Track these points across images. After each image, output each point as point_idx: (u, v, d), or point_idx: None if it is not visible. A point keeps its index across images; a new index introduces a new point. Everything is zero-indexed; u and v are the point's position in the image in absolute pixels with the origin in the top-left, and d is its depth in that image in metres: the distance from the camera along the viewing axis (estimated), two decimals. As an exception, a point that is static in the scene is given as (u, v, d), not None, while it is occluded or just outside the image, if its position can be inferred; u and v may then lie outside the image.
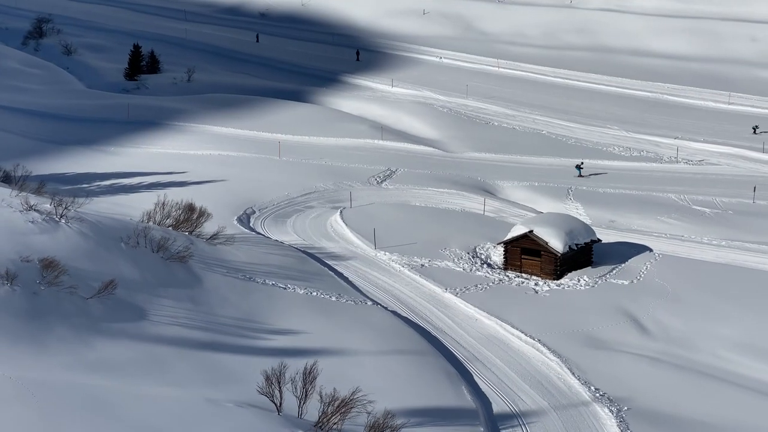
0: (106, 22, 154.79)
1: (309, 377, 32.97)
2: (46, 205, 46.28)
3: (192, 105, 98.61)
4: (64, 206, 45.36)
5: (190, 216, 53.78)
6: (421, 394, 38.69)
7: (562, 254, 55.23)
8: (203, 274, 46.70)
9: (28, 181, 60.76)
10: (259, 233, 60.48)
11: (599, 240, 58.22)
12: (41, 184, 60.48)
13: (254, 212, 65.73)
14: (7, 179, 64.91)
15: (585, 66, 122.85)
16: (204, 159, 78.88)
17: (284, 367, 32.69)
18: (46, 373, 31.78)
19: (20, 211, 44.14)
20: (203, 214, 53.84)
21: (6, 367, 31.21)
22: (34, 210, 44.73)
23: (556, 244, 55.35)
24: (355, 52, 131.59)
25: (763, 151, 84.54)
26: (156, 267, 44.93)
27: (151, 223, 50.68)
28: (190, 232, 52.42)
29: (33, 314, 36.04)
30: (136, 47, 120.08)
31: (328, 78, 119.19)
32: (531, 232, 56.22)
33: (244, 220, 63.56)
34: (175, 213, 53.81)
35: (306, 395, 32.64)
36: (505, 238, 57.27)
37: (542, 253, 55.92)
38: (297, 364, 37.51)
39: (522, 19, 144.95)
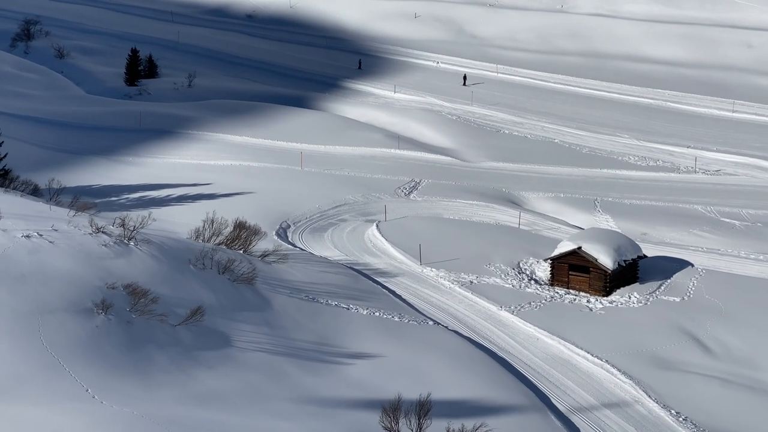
0: (93, 23, 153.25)
1: (423, 410, 32.74)
2: (110, 226, 45.58)
3: (201, 112, 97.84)
4: (133, 228, 44.67)
5: (240, 233, 53.24)
6: (514, 422, 38.57)
7: (612, 271, 55.37)
8: (269, 295, 46.25)
9: (61, 195, 60.28)
10: (301, 249, 59.99)
11: (645, 256, 58.46)
12: (76, 199, 59.96)
13: (289, 226, 65.33)
14: (36, 192, 64.17)
15: (581, 71, 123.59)
16: (225, 169, 78.27)
17: (400, 400, 32.39)
18: (163, 408, 31.25)
19: (90, 234, 43.39)
20: (257, 232, 53.33)
21: (124, 402, 30.66)
22: (103, 232, 43.99)
23: (606, 260, 55.50)
24: (352, 57, 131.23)
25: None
26: (226, 290, 44.42)
27: (214, 244, 50.07)
28: (245, 251, 51.90)
29: (131, 345, 35.44)
30: (134, 51, 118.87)
31: (329, 83, 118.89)
32: (580, 248, 56.31)
33: (282, 234, 63.11)
34: (225, 230, 53.25)
35: (421, 429, 32.40)
36: (553, 254, 57.30)
37: (591, 269, 56.04)
38: (386, 392, 37.48)
39: (514, 23, 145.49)
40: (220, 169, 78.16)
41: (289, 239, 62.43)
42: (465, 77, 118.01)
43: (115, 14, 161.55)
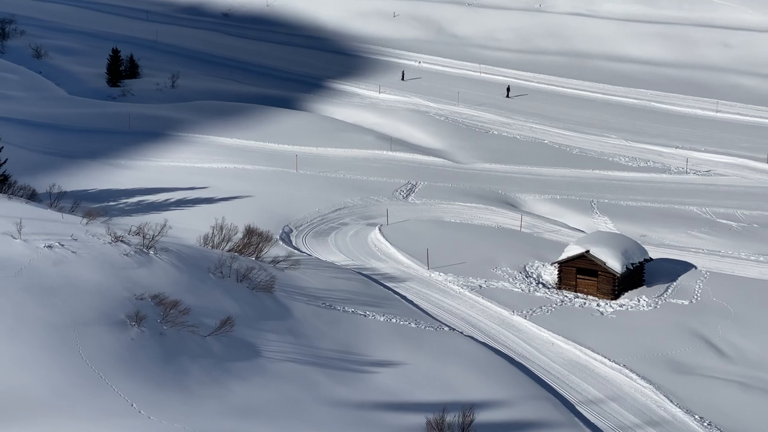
0: (69, 22, 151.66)
1: (466, 421, 32.76)
2: (127, 234, 45.15)
3: (188, 114, 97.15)
4: (151, 236, 44.27)
5: (251, 240, 52.95)
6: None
7: (620, 274, 55.65)
8: (288, 303, 46.04)
9: (61, 200, 59.73)
10: (308, 254, 59.76)
11: (651, 259, 58.82)
12: (77, 204, 59.50)
13: (292, 230, 65.06)
14: (34, 197, 63.36)
15: (564, 71, 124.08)
16: (220, 173, 77.77)
17: (444, 411, 32.38)
18: (208, 422, 30.97)
19: (110, 243, 42.95)
20: (268, 239, 53.05)
21: (169, 417, 30.37)
22: (122, 241, 43.56)
23: (614, 264, 55.77)
24: (332, 56, 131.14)
25: (767, 161, 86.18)
26: (247, 298, 44.17)
27: (225, 251, 49.73)
28: (257, 257, 51.61)
29: (166, 357, 35.13)
30: (115, 51, 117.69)
31: (313, 83, 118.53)
32: (588, 252, 56.54)
33: (285, 239, 62.82)
34: (235, 236, 52.94)
35: (464, 441, 32.44)
36: (561, 258, 57.49)
37: (599, 273, 56.30)
38: (417, 401, 37.56)
39: (493, 22, 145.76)
40: (215, 173, 77.63)
41: (294, 244, 62.14)
42: (509, 89, 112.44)
43: (89, 12, 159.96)
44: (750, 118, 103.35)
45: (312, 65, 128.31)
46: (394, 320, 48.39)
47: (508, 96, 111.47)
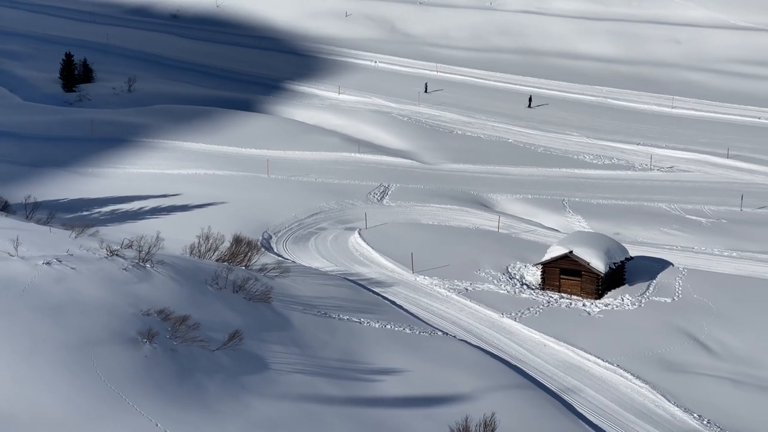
0: (13, 25, 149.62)
1: (488, 429, 33.01)
2: (119, 248, 44.66)
3: (150, 119, 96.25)
4: (147, 249, 43.84)
5: (240, 248, 52.67)
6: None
7: (604, 274, 56.38)
8: (286, 312, 45.93)
9: (36, 212, 58.83)
10: (292, 261, 59.60)
11: (632, 258, 59.66)
12: (52, 215, 58.63)
13: (271, 236, 64.84)
14: (6, 208, 62.31)
15: (518, 69, 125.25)
16: (190, 179, 77.21)
17: (468, 419, 32.61)
18: (237, 441, 30.97)
19: (106, 257, 42.47)
20: (254, 247, 52.82)
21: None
22: (117, 255, 43.09)
23: (598, 263, 56.48)
24: (287, 57, 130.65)
25: (727, 156, 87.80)
26: (247, 309, 43.95)
27: (214, 260, 49.43)
28: (246, 266, 51.37)
29: (181, 373, 34.84)
30: (68, 56, 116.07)
31: (271, 85, 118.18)
32: (571, 252, 57.17)
33: (266, 245, 62.59)
34: (221, 245, 52.62)
35: (488, 448, 32.69)
36: (544, 259, 58.07)
37: (583, 273, 56.97)
38: (429, 408, 37.83)
39: (445, 20, 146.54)
40: (185, 179, 77.04)
41: (275, 250, 61.94)
42: (530, 99, 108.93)
43: (35, 16, 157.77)
44: (704, 113, 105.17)
45: (268, 66, 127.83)
46: (389, 326, 48.52)
47: (530, 106, 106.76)
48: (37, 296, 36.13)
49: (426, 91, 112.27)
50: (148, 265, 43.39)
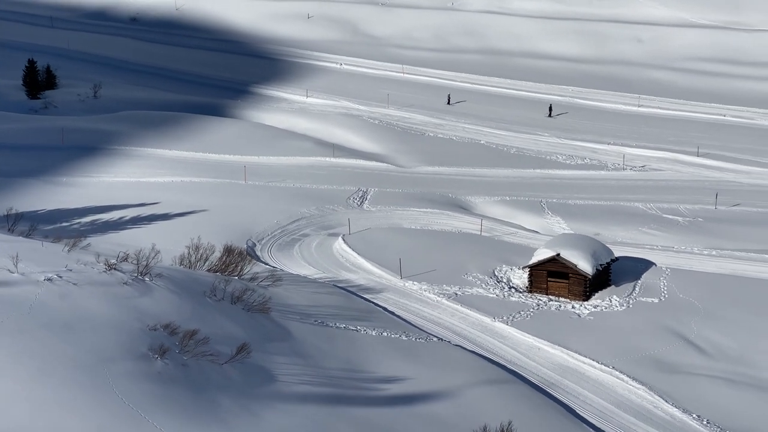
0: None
1: (506, 436, 33.27)
2: (114, 260, 44.31)
3: (119, 125, 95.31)
4: (146, 263, 43.54)
5: (232, 258, 52.48)
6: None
7: (592, 276, 56.92)
8: (284, 322, 45.84)
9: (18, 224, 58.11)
10: (280, 269, 59.44)
11: (617, 259, 60.27)
12: (33, 227, 58.00)
13: (255, 244, 64.59)
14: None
15: (484, 69, 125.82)
16: (167, 187, 76.60)
17: (486, 428, 32.82)
18: (258, 456, 30.89)
19: (105, 272, 42.13)
20: (245, 257, 52.65)
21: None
22: (115, 269, 42.75)
23: (585, 266, 56.98)
24: (250, 61, 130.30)
25: (698, 155, 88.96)
26: (247, 321, 43.82)
27: (212, 272, 49.20)
28: (239, 276, 51.19)
29: (194, 388, 34.68)
30: (31, 62, 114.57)
31: (237, 89, 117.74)
32: (558, 255, 57.63)
33: (251, 253, 62.34)
34: (211, 255, 52.38)
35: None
36: (531, 262, 58.46)
37: (571, 275, 57.47)
38: (441, 416, 38.01)
39: (407, 21, 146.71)
40: (162, 187, 76.43)
41: (261, 258, 61.74)
42: (550, 107, 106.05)
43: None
44: (671, 111, 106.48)
45: (233, 69, 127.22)
46: (385, 333, 48.62)
47: (550, 116, 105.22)
48: (44, 314, 35.77)
49: (449, 103, 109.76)
50: (147, 279, 43.10)
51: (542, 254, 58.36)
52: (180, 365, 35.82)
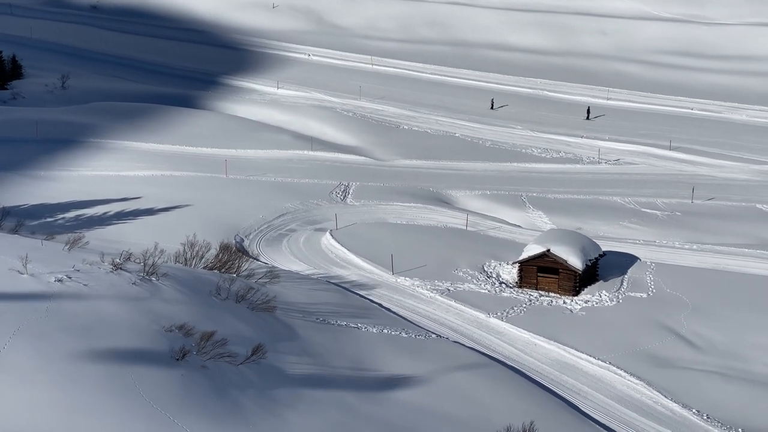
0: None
1: (528, 436, 33.83)
2: (116, 260, 44.15)
3: (92, 117, 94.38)
4: (151, 262, 43.47)
5: (230, 256, 52.45)
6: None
7: (581, 271, 57.72)
8: (289, 321, 46.02)
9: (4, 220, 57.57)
10: (272, 265, 59.48)
11: (605, 254, 61.13)
12: (20, 223, 57.53)
13: (243, 239, 64.51)
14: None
15: (450, 61, 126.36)
16: (148, 180, 76.08)
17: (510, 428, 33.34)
18: (289, 459, 31.11)
19: (112, 272, 42.00)
20: (241, 255, 52.65)
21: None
22: (122, 269, 42.63)
23: (575, 261, 57.74)
24: (216, 51, 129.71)
25: (670, 148, 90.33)
26: (254, 320, 43.92)
27: (211, 270, 49.16)
28: (237, 274, 51.21)
29: (216, 390, 34.76)
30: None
31: (207, 80, 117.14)
32: (548, 251, 58.34)
33: (241, 249, 62.25)
34: (206, 253, 52.31)
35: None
36: (521, 257, 59.10)
37: (560, 270, 58.21)
38: (455, 415, 38.47)
39: (373, 12, 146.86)
40: (142, 180, 75.92)
41: (251, 254, 61.69)
42: (588, 110, 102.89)
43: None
44: (639, 104, 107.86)
45: (200, 60, 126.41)
46: (385, 331, 48.96)
47: (587, 118, 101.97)
48: (62, 317, 35.61)
49: (492, 108, 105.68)
50: (154, 278, 43.03)
51: (532, 250, 59.00)
52: (200, 367, 35.88)
